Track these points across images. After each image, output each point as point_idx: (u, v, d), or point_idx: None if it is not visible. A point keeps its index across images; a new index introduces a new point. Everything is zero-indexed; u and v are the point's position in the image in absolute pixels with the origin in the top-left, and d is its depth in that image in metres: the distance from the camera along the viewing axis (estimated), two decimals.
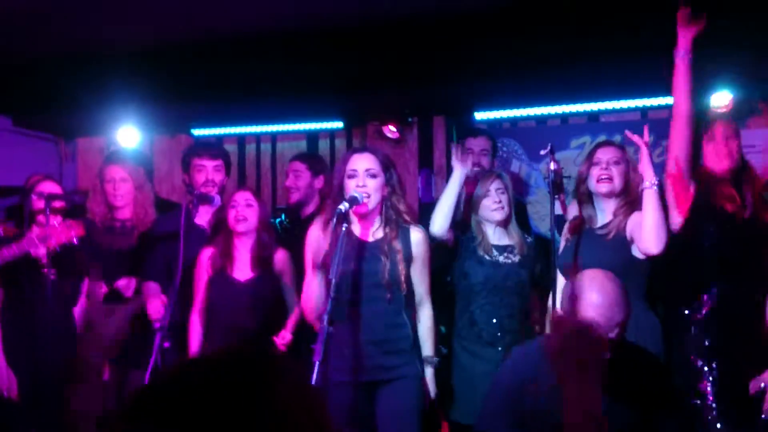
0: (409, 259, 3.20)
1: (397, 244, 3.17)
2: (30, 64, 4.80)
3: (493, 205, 3.65)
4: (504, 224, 3.69)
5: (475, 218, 3.71)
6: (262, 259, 3.81)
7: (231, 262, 3.80)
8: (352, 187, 3.15)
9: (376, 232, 3.22)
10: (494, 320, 3.58)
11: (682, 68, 3.35)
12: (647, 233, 3.20)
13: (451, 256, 3.70)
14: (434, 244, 3.46)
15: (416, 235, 3.24)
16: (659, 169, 4.38)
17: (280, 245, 3.89)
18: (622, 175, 3.43)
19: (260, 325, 3.74)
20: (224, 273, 3.80)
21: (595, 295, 2.62)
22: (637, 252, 3.31)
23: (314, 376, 2.60)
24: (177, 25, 4.37)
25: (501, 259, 3.65)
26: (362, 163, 3.21)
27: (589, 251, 3.37)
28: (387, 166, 3.24)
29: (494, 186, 3.67)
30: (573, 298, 2.65)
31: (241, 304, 3.74)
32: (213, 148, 4.45)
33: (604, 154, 3.46)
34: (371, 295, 3.13)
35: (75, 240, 3.54)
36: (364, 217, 3.21)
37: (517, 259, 3.66)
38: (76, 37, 4.49)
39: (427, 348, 3.26)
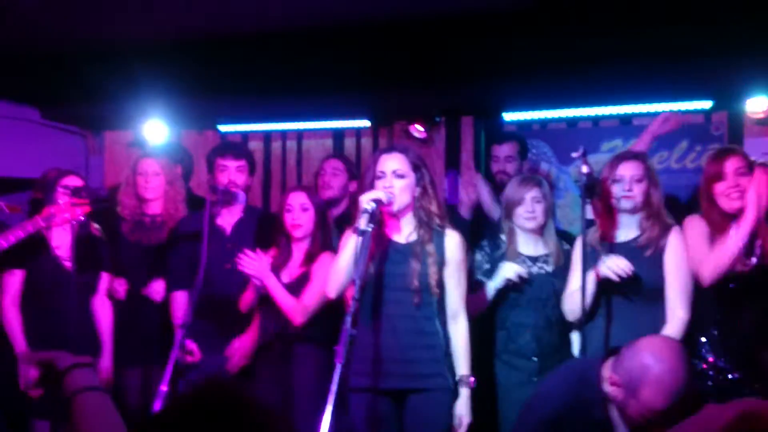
0: (442, 264, 3.11)
1: (431, 248, 3.09)
2: (58, 57, 4.79)
3: (525, 214, 3.56)
4: (538, 232, 3.59)
5: (508, 224, 3.61)
6: (310, 259, 3.73)
7: (285, 265, 3.74)
8: (379, 188, 3.10)
9: (409, 235, 3.15)
10: (529, 333, 3.49)
11: None
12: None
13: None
14: None
15: (452, 239, 3.15)
16: (696, 174, 4.31)
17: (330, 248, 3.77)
18: (644, 191, 3.37)
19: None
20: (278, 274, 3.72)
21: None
22: None
23: (335, 378, 2.54)
24: (205, 20, 4.34)
25: (534, 269, 3.55)
26: (390, 163, 3.17)
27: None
28: (417, 166, 3.18)
29: (531, 194, 3.56)
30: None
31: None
32: (237, 148, 4.41)
33: (627, 170, 3.37)
34: (398, 298, 3.06)
35: (81, 217, 3.50)
36: (394, 218, 3.16)
37: (551, 268, 3.55)
38: (105, 30, 4.48)
39: (462, 366, 3.09)
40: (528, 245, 3.59)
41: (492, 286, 3.44)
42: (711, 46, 4.17)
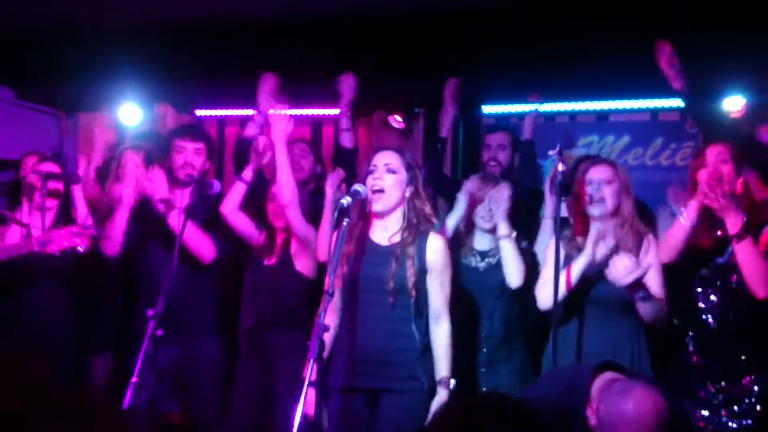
0: (423, 268, 3.02)
1: (411, 250, 3.01)
2: (33, 37, 4.73)
3: (481, 212, 3.59)
4: (493, 231, 3.60)
5: (469, 222, 3.64)
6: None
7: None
8: (369, 182, 3.05)
9: (393, 237, 3.07)
10: (488, 325, 3.54)
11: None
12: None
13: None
14: None
15: (434, 243, 3.04)
16: (669, 171, 4.36)
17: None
18: (614, 194, 3.33)
19: None
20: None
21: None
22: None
23: (308, 372, 2.54)
24: (183, 4, 4.31)
25: (483, 264, 3.59)
26: (383, 158, 3.10)
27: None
28: (411, 165, 3.11)
29: (490, 194, 3.57)
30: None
31: None
32: (195, 130, 4.29)
33: (597, 174, 3.37)
34: (374, 300, 3.00)
35: (79, 248, 3.45)
36: (379, 217, 3.09)
37: (494, 261, 3.58)
38: (80, 11, 4.43)
39: (442, 368, 3.00)
40: (482, 241, 3.64)
41: None
42: (687, 45, 4.20)
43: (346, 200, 2.91)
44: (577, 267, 3.24)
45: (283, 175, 3.65)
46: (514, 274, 3.49)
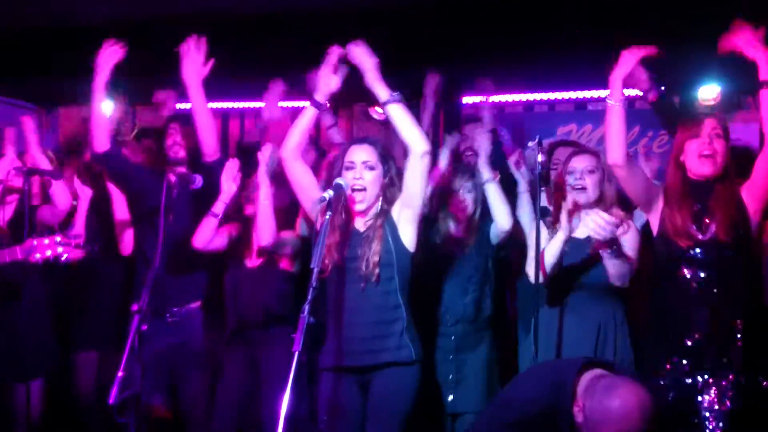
0: (395, 233, 3.18)
1: (386, 231, 3.17)
2: (11, 32, 4.70)
3: (458, 204, 3.68)
4: (467, 221, 3.71)
5: (443, 212, 3.71)
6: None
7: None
8: (349, 179, 3.16)
9: (368, 221, 3.22)
10: (449, 313, 3.64)
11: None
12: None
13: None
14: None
15: (396, 206, 3.23)
16: (645, 158, 4.39)
17: None
18: (596, 184, 3.40)
19: None
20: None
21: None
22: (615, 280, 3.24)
23: (293, 365, 2.58)
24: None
25: (456, 251, 3.68)
26: (360, 155, 3.21)
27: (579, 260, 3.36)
28: (386, 157, 3.22)
29: (464, 185, 3.69)
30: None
31: None
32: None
33: (579, 163, 3.43)
34: (357, 279, 3.13)
35: (63, 257, 3.45)
36: (363, 214, 3.24)
37: (467, 250, 3.68)
38: (57, 6, 4.40)
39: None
40: (455, 229, 3.72)
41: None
42: (663, 34, 4.24)
43: (328, 194, 2.99)
44: (556, 241, 3.29)
45: (263, 216, 3.70)
46: (502, 215, 3.59)
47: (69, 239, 3.46)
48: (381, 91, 3.20)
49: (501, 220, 3.59)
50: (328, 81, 3.32)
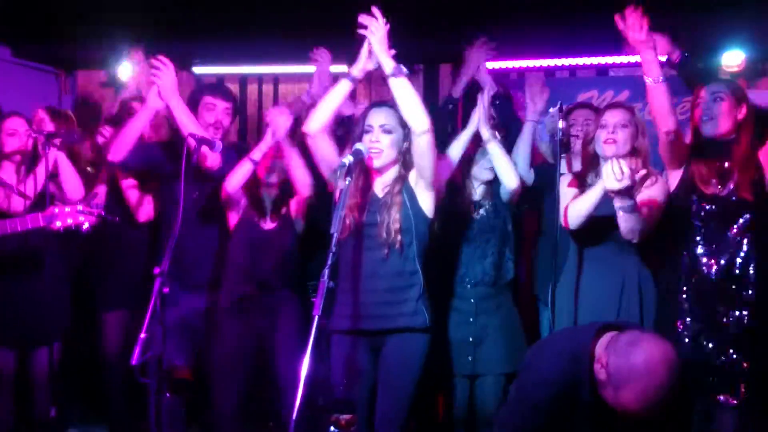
0: (414, 200, 3.19)
1: (404, 197, 3.18)
2: None
3: (482, 170, 3.67)
4: (490, 183, 3.70)
5: (469, 177, 3.71)
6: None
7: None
8: (366, 143, 3.17)
9: (386, 187, 3.24)
10: (472, 270, 3.64)
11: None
12: None
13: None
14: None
15: (412, 173, 3.23)
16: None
17: None
18: (628, 138, 3.39)
19: None
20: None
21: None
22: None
23: (313, 329, 2.61)
24: None
25: (477, 215, 3.68)
26: (378, 118, 3.22)
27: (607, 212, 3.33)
28: (406, 122, 3.18)
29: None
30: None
31: None
32: (226, 90, 4.26)
33: (612, 117, 3.43)
34: (375, 244, 3.15)
35: (84, 227, 3.46)
36: (377, 172, 3.25)
37: (483, 212, 3.69)
38: None
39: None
40: (478, 193, 3.72)
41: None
42: (687, 1, 4.19)
43: (348, 159, 3.00)
44: (596, 190, 3.27)
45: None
46: (507, 174, 3.58)
47: (91, 208, 3.48)
48: (386, 62, 3.09)
49: (506, 179, 3.58)
50: (368, 57, 3.19)
